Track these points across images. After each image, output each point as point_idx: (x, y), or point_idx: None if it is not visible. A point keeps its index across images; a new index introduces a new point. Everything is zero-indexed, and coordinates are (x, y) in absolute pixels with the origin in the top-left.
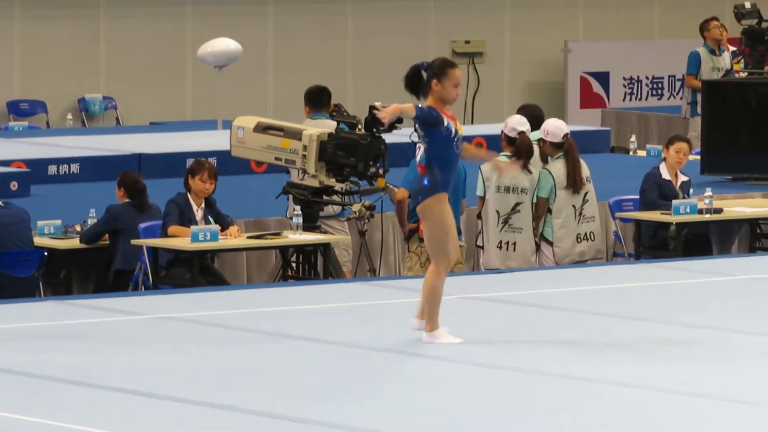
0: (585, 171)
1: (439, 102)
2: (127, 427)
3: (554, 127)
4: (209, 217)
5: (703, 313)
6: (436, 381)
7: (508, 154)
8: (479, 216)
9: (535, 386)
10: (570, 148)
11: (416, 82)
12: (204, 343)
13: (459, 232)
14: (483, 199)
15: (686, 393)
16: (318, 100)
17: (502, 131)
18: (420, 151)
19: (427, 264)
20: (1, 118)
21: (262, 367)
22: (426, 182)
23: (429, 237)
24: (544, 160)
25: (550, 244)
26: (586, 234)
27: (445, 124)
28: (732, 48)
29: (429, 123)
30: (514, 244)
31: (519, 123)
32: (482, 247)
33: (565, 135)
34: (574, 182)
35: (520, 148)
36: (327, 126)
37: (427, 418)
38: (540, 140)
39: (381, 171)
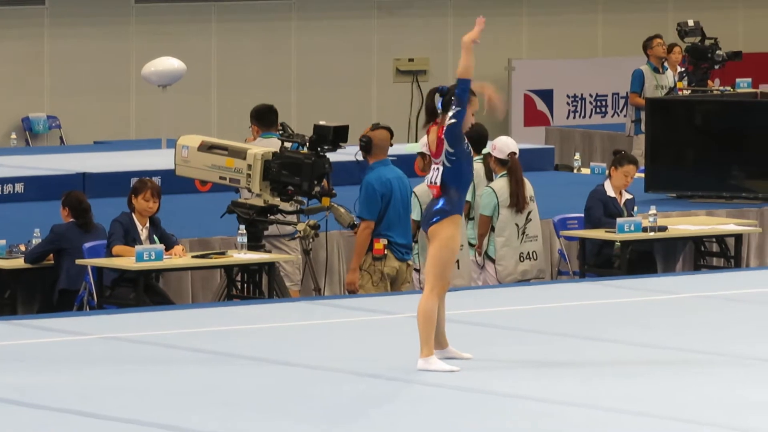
0: (529, 190)
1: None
2: None
3: (502, 144)
4: (154, 236)
5: (648, 331)
6: (380, 399)
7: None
8: (414, 239)
9: (479, 405)
10: (514, 166)
11: (434, 104)
12: (148, 362)
13: (408, 249)
14: (418, 222)
15: (631, 411)
16: (267, 118)
17: (491, 155)
18: (436, 173)
19: (380, 283)
20: None
21: (206, 387)
22: (443, 204)
23: (434, 258)
24: (489, 177)
25: (494, 262)
26: (529, 253)
27: (465, 141)
28: (680, 69)
29: (459, 132)
30: (458, 262)
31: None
32: (418, 270)
33: (511, 153)
34: (518, 201)
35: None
36: (277, 145)
37: None
38: (487, 155)
39: (333, 191)
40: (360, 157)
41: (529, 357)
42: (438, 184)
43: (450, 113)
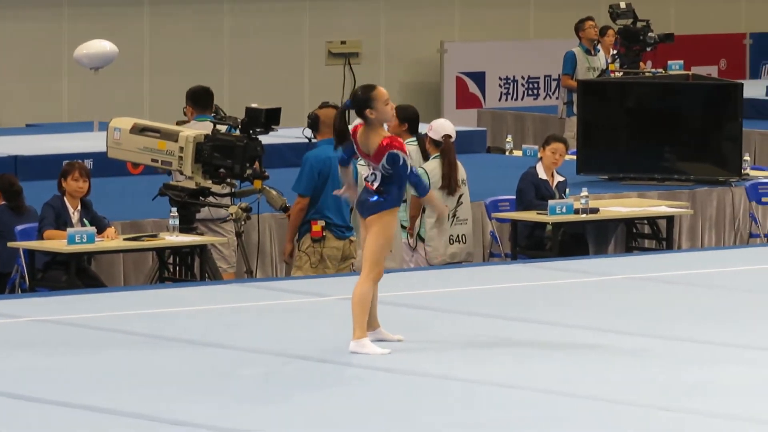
0: (461, 173)
1: (381, 126)
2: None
3: (438, 125)
4: (85, 219)
5: (580, 313)
6: (311, 384)
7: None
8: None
9: (410, 387)
10: (447, 149)
11: (345, 125)
12: (80, 345)
13: (347, 228)
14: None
15: (563, 393)
16: (203, 100)
17: (427, 135)
18: (374, 178)
19: (319, 265)
20: None
21: (137, 370)
22: (381, 199)
23: (371, 245)
24: (424, 158)
25: (424, 242)
26: (458, 236)
27: (401, 156)
28: (613, 51)
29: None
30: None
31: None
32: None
33: (446, 136)
34: (450, 184)
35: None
36: (210, 128)
37: (305, 421)
38: (423, 135)
39: (265, 173)
40: (308, 134)
41: (461, 339)
42: (375, 188)
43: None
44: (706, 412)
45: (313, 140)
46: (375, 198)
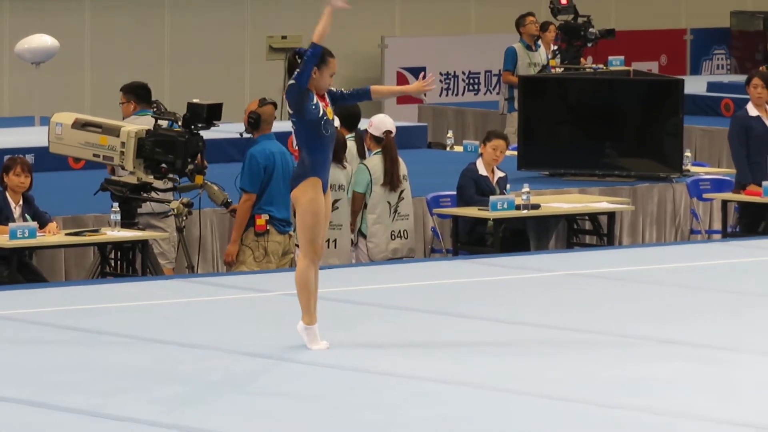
0: (402, 169)
1: (312, 90)
2: None
3: (379, 121)
4: (27, 214)
5: (520, 309)
6: (249, 376)
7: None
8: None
9: (351, 383)
10: (389, 145)
11: (293, 68)
12: (21, 340)
13: (288, 223)
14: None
15: (502, 389)
16: (144, 95)
17: (367, 131)
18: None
19: (262, 259)
20: None
21: (78, 365)
22: (297, 167)
23: (300, 224)
24: (361, 155)
25: (366, 239)
26: (400, 232)
27: (314, 100)
28: (554, 47)
29: (297, 93)
30: (335, 241)
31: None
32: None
33: (386, 132)
34: (392, 180)
35: (335, 145)
36: (150, 123)
37: (239, 414)
38: (363, 131)
39: (205, 168)
40: (246, 134)
41: (402, 335)
42: (296, 148)
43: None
44: (646, 408)
45: (248, 135)
46: (295, 171)
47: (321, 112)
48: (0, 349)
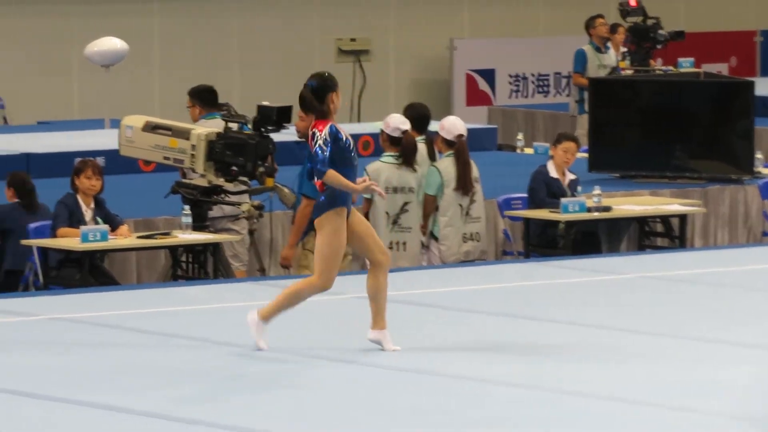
0: (474, 172)
1: (332, 114)
2: (12, 428)
3: (450, 124)
4: (98, 217)
5: (592, 312)
6: (321, 382)
7: (393, 154)
8: (366, 217)
9: (423, 386)
10: (461, 149)
11: (312, 102)
12: (93, 343)
13: None
14: (370, 200)
15: (574, 392)
16: (209, 99)
17: (383, 131)
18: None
19: None
20: None
21: (150, 368)
22: (324, 198)
23: (317, 251)
24: (431, 157)
25: (438, 241)
26: (471, 234)
27: (344, 139)
28: (623, 49)
29: (331, 153)
30: (405, 243)
31: (401, 122)
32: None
33: (459, 135)
34: (464, 184)
35: (405, 147)
36: (220, 125)
37: (315, 419)
38: (434, 134)
39: (275, 169)
40: (299, 138)
41: (473, 337)
42: (320, 185)
43: (315, 146)
44: (720, 412)
45: (301, 140)
46: (319, 200)
47: (351, 145)
48: (71, 352)
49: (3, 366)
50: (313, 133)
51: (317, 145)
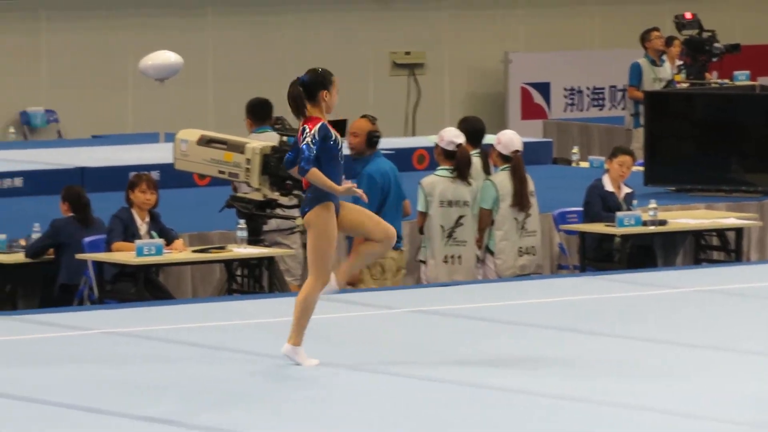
0: (530, 186)
1: (323, 112)
2: None
3: (507, 139)
4: (153, 231)
5: (648, 326)
6: (380, 395)
7: (447, 168)
8: (421, 231)
9: (478, 400)
10: (517, 164)
11: (302, 99)
12: (149, 357)
13: (399, 238)
14: (424, 214)
15: (629, 406)
16: (261, 113)
17: (437, 144)
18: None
19: (380, 277)
20: None
21: (205, 382)
22: (310, 192)
23: (313, 249)
24: (486, 171)
25: (493, 255)
26: (527, 248)
27: (333, 138)
28: (679, 62)
29: (318, 150)
30: (460, 257)
31: (456, 135)
32: (424, 262)
33: (515, 151)
34: (521, 201)
35: (460, 161)
36: (272, 139)
37: (368, 430)
38: (489, 147)
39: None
40: (353, 154)
41: (528, 351)
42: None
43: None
44: None
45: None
46: (307, 196)
47: (339, 144)
48: (126, 366)
49: (58, 380)
50: (303, 129)
51: (305, 142)
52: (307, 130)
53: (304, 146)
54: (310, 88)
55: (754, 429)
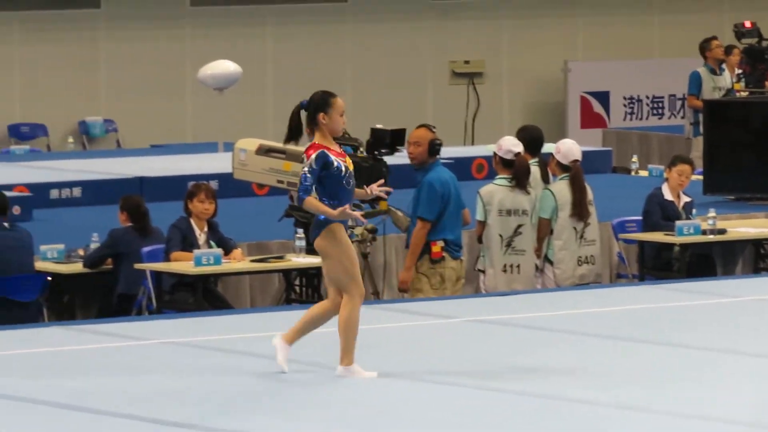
0: (589, 195)
1: (327, 136)
2: None
3: (566, 149)
4: (212, 240)
5: (707, 335)
6: (438, 404)
7: (506, 177)
8: (480, 240)
9: (537, 410)
10: (577, 174)
11: (297, 123)
12: (207, 367)
13: (459, 247)
14: (483, 223)
15: (692, 416)
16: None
17: (496, 154)
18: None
19: (439, 286)
20: (2, 141)
21: (264, 392)
22: (321, 217)
23: (334, 269)
24: (545, 180)
25: (552, 265)
26: (586, 257)
27: (335, 164)
28: (738, 71)
29: (315, 179)
30: (518, 266)
31: (514, 144)
32: (483, 271)
33: (574, 161)
34: (580, 210)
35: (518, 170)
36: None
37: None
38: (549, 156)
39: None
40: (415, 163)
41: (588, 361)
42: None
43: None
44: None
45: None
46: (316, 219)
47: (344, 170)
48: (184, 376)
49: (117, 391)
50: (303, 157)
51: (303, 171)
52: (305, 159)
53: (302, 175)
54: (309, 110)
55: None
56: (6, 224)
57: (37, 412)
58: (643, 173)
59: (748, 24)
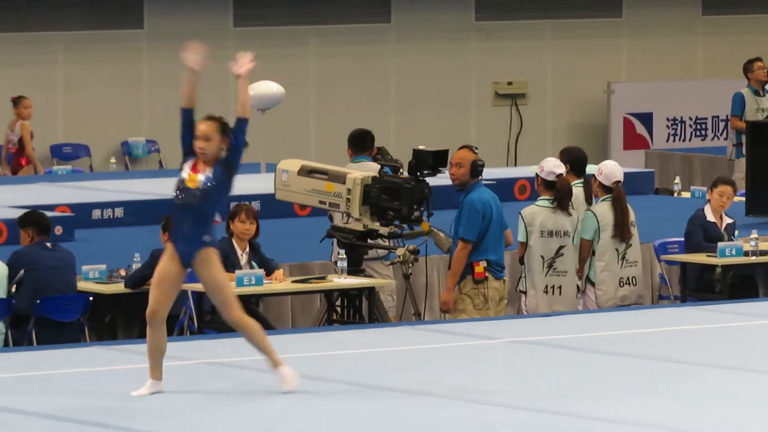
0: (631, 216)
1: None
2: None
3: (609, 170)
4: (253, 261)
5: (751, 356)
6: (483, 426)
7: (548, 198)
8: (521, 261)
9: (579, 431)
10: (619, 196)
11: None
12: (250, 387)
13: (502, 268)
14: (525, 244)
15: None
16: (361, 143)
17: (538, 175)
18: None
19: (482, 306)
20: (45, 161)
21: (307, 413)
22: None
23: (221, 284)
24: (588, 201)
25: (594, 286)
26: (628, 278)
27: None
28: None
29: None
30: (560, 287)
31: (556, 166)
32: (525, 292)
33: (617, 182)
34: (622, 232)
35: (560, 191)
36: (369, 169)
37: None
38: (591, 177)
39: (425, 215)
40: (457, 185)
41: (630, 382)
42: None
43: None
44: None
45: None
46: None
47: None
48: (227, 396)
49: (158, 410)
50: None
51: None
52: None
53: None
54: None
55: None
56: (48, 244)
57: (79, 431)
58: (686, 194)
59: None
